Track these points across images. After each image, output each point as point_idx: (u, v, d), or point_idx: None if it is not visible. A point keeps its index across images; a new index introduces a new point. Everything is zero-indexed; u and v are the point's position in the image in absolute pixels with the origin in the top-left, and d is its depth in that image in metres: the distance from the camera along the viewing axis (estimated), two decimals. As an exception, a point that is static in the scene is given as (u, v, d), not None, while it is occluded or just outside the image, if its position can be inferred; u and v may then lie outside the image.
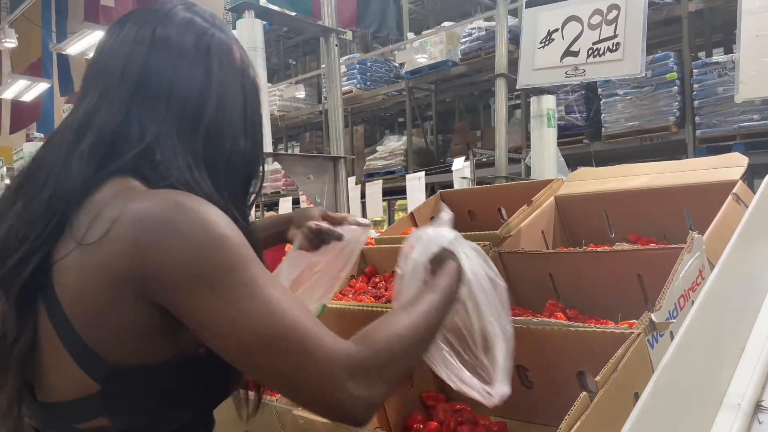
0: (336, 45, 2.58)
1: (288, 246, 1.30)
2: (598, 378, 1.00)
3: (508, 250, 1.70)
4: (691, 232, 1.32)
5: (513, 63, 4.65)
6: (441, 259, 1.03)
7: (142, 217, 0.78)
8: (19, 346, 0.83)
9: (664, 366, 0.98)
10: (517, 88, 2.79)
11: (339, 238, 1.22)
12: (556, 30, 2.51)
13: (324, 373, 0.77)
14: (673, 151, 6.88)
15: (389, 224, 9.57)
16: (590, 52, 2.41)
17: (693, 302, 1.27)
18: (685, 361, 1.05)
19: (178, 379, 0.85)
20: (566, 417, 0.94)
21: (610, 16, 2.39)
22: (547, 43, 2.52)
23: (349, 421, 0.80)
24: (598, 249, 1.57)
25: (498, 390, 1.00)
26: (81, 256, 0.80)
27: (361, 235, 1.27)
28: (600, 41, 2.38)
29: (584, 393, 0.97)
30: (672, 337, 1.20)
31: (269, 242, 1.29)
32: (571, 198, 1.92)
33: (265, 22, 2.40)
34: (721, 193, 1.56)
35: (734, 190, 1.53)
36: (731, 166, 1.66)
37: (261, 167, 0.99)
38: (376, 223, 9.87)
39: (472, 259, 1.03)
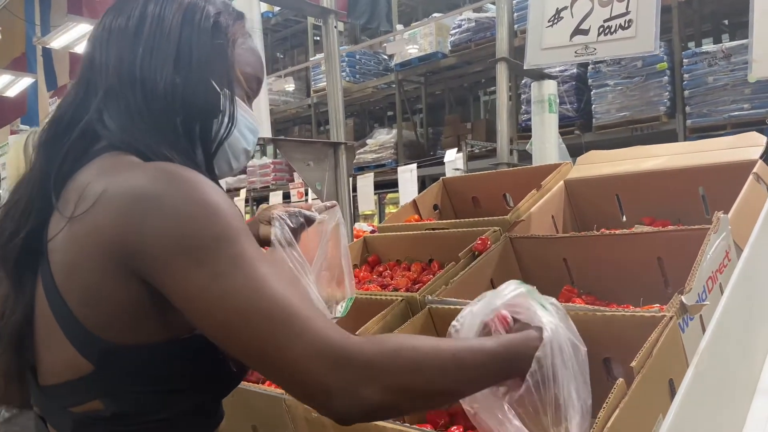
0: (335, 27, 2.51)
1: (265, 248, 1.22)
2: (633, 363, 0.94)
3: (519, 236, 1.65)
4: (716, 212, 1.27)
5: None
6: (521, 325, 0.90)
7: (126, 191, 0.77)
8: (11, 321, 0.85)
9: (702, 351, 0.93)
10: (524, 68, 2.72)
11: (313, 219, 1.21)
12: (565, 8, 2.44)
13: (309, 355, 0.71)
14: (664, 141, 6.80)
15: (380, 217, 9.53)
16: (601, 29, 2.34)
17: (720, 285, 1.23)
18: (722, 346, 1.00)
19: (173, 362, 0.82)
20: (604, 405, 0.88)
21: (622, -8, 2.34)
22: (555, 21, 2.46)
23: (332, 412, 0.73)
24: (616, 232, 1.52)
25: None
26: (69, 230, 0.79)
27: (334, 213, 1.25)
28: (611, 18, 2.32)
29: (621, 380, 0.92)
30: (702, 322, 1.16)
31: None
32: (581, 182, 1.86)
33: (264, 8, 2.33)
34: (738, 174, 1.51)
35: (754, 170, 1.49)
36: (749, 145, 1.61)
37: (213, 111, 0.91)
38: (367, 217, 9.81)
39: (552, 314, 0.89)
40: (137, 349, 0.79)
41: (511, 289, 0.93)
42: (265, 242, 1.17)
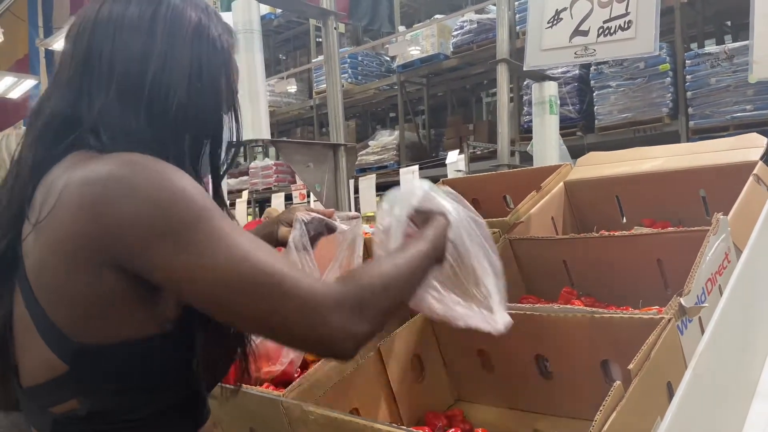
0: (335, 28, 2.50)
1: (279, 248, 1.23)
2: (631, 366, 0.94)
3: (518, 237, 1.64)
4: (716, 213, 1.26)
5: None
6: (427, 213, 1.03)
7: (89, 180, 0.77)
8: None
9: (700, 353, 0.93)
10: (524, 69, 2.71)
11: (334, 228, 1.22)
12: (565, 9, 2.43)
13: (303, 309, 0.76)
14: (667, 142, 6.79)
15: (382, 219, 9.49)
16: (601, 31, 2.33)
17: (720, 287, 1.22)
18: (721, 349, 0.99)
19: (146, 360, 0.82)
20: (601, 408, 0.88)
21: (622, -7, 2.33)
22: (555, 22, 2.45)
23: (336, 355, 0.82)
24: (616, 234, 1.51)
25: (500, 317, 1.00)
26: (37, 234, 0.80)
27: (357, 226, 1.28)
28: (611, 19, 2.31)
29: (618, 382, 0.91)
30: (701, 324, 1.15)
31: None
32: (581, 183, 1.86)
33: (267, 10, 2.33)
34: (739, 175, 1.51)
35: (755, 171, 1.48)
36: (749, 146, 1.61)
37: (220, 128, 0.95)
38: (369, 218, 9.81)
39: (452, 201, 1.05)
40: (110, 348, 0.80)
41: (418, 187, 1.05)
42: (282, 243, 1.19)
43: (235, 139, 0.97)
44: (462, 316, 1.00)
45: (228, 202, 1.20)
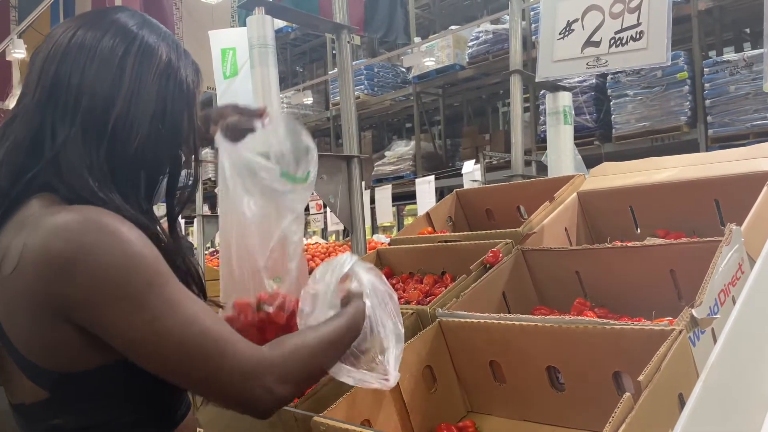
0: (348, 42, 2.52)
1: None
2: (641, 378, 0.93)
3: (531, 248, 1.64)
4: (728, 224, 1.25)
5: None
6: (350, 291, 1.09)
7: (51, 238, 0.78)
8: None
9: (712, 365, 0.92)
10: (536, 81, 2.71)
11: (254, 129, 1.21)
12: (576, 20, 2.43)
13: (239, 373, 0.84)
14: (685, 151, 6.70)
15: (399, 229, 9.53)
16: (612, 41, 2.33)
17: (733, 298, 1.21)
18: (733, 361, 0.99)
19: (119, 378, 0.87)
20: (610, 420, 0.88)
21: (633, 4, 2.31)
22: (566, 33, 2.45)
23: (259, 414, 0.88)
24: (628, 245, 1.50)
25: (392, 378, 1.09)
26: (2, 284, 0.82)
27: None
28: (623, 30, 2.30)
29: (627, 394, 0.91)
30: (713, 335, 1.14)
31: None
32: (594, 193, 1.85)
33: (283, 24, 2.35)
34: (753, 185, 1.49)
35: (769, 181, 1.47)
36: (763, 156, 1.60)
37: (178, 166, 0.98)
38: (385, 229, 9.82)
39: (372, 277, 1.13)
40: (86, 374, 0.84)
41: (347, 260, 1.13)
42: (210, 141, 1.19)
43: (192, 177, 1.01)
44: (363, 380, 1.09)
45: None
